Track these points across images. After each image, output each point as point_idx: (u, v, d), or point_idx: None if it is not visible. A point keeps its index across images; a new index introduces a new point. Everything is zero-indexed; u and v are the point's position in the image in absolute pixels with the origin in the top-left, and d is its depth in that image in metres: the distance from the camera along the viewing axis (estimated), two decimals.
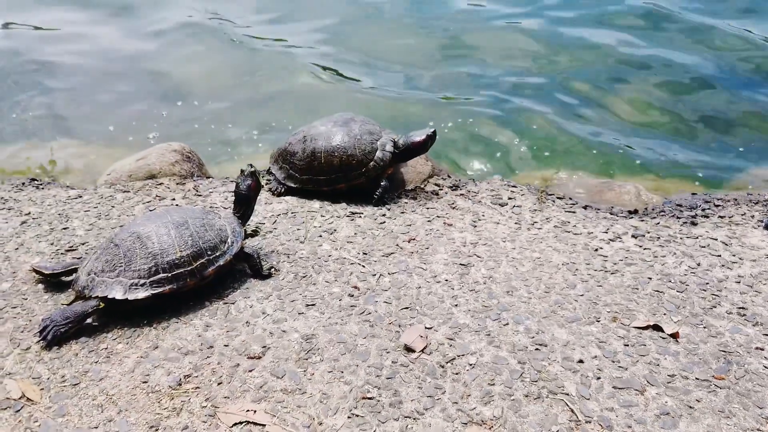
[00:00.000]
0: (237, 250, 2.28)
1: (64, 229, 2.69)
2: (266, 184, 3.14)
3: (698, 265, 2.50)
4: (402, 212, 2.93)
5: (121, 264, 2.08)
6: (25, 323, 2.12)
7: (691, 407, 1.79)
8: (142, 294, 2.06)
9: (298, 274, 2.39)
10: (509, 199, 3.09)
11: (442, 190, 3.21)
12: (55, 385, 1.87)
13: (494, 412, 1.76)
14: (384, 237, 2.68)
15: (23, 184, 3.18)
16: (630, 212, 3.06)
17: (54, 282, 2.31)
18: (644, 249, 2.63)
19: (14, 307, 2.20)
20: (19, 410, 1.79)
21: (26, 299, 2.24)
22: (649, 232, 2.77)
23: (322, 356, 1.98)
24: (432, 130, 3.06)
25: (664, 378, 1.89)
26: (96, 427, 1.73)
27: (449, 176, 3.41)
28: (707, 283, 2.37)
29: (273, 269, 2.40)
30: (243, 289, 2.30)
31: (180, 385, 1.87)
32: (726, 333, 2.09)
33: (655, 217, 2.98)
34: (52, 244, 2.57)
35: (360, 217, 2.86)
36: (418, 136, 3.04)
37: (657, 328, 2.11)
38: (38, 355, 1.98)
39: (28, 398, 1.83)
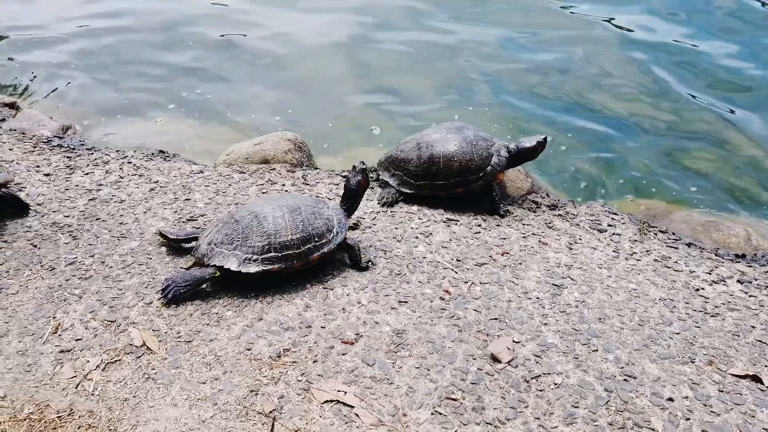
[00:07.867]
0: (341, 240, 2.42)
1: (187, 199, 2.94)
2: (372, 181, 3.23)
3: None
4: (497, 225, 2.96)
5: (239, 239, 2.27)
6: (149, 280, 2.36)
7: None
8: (254, 269, 2.24)
9: (393, 270, 2.50)
10: (609, 226, 3.04)
11: (539, 208, 3.21)
12: (172, 339, 2.08)
13: None
14: (478, 246, 2.73)
15: (152, 154, 3.50)
16: (737, 256, 2.93)
17: (175, 246, 2.55)
18: (750, 296, 2.52)
19: (140, 264, 2.45)
20: (139, 357, 2.01)
21: (151, 258, 2.49)
22: (756, 279, 2.65)
23: (411, 352, 2.07)
24: (543, 136, 3.08)
25: (759, 431, 1.83)
26: (204, 383, 1.92)
27: (548, 195, 3.40)
28: None
29: (370, 263, 2.52)
30: (341, 277, 2.44)
31: (279, 357, 2.02)
32: None
33: (764, 265, 2.84)
34: (175, 212, 2.83)
35: (456, 224, 2.92)
36: (529, 142, 3.09)
37: (756, 379, 2.03)
38: (158, 311, 2.21)
39: (148, 347, 2.05)
